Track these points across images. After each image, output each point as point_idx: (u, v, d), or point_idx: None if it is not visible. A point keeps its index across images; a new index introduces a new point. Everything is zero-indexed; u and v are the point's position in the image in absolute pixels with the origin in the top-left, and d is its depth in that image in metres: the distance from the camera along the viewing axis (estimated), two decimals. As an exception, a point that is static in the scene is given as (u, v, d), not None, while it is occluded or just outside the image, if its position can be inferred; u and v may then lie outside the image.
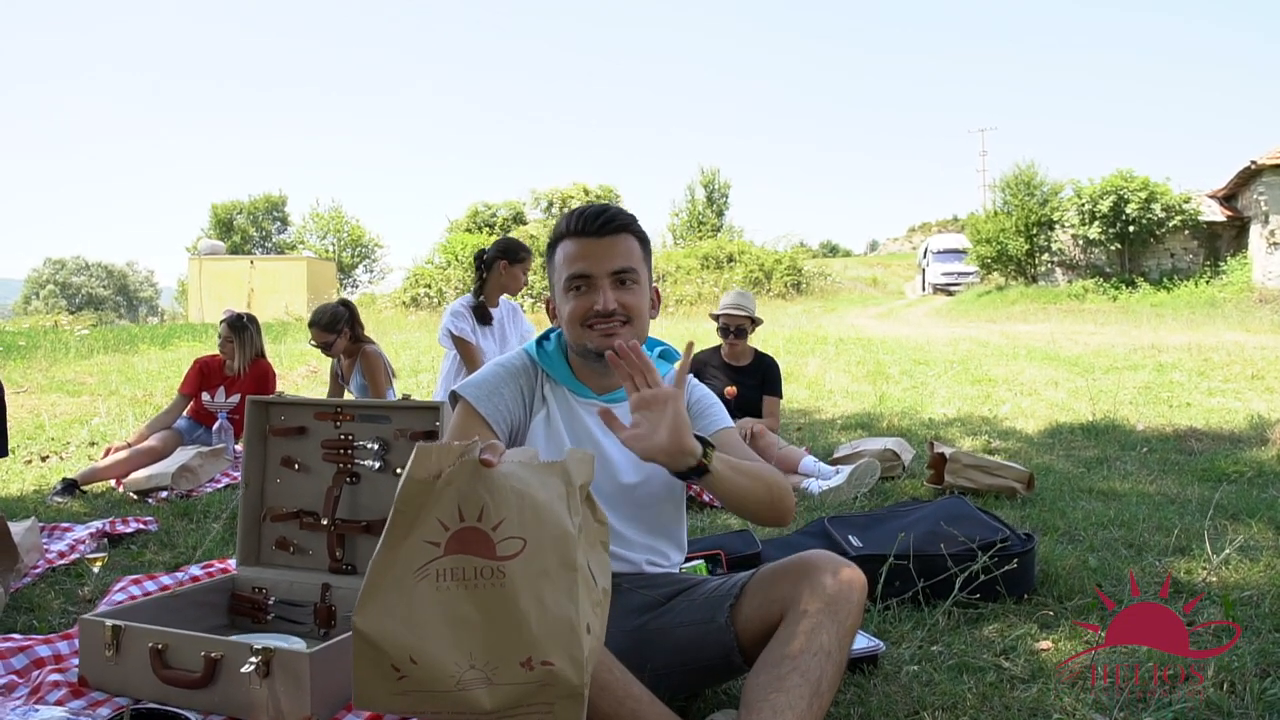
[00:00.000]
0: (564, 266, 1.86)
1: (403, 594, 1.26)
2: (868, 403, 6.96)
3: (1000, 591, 2.50)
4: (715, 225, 35.85)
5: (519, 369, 1.95)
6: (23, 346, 14.49)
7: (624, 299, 1.84)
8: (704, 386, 2.05)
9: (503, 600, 1.25)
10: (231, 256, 35.05)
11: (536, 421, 1.92)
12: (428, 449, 1.29)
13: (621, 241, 1.87)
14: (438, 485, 1.28)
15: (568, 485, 1.33)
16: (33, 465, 5.46)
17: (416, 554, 1.26)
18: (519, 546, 1.26)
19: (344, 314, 5.19)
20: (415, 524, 1.28)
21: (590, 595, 1.32)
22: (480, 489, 1.27)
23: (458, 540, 1.26)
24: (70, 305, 49.29)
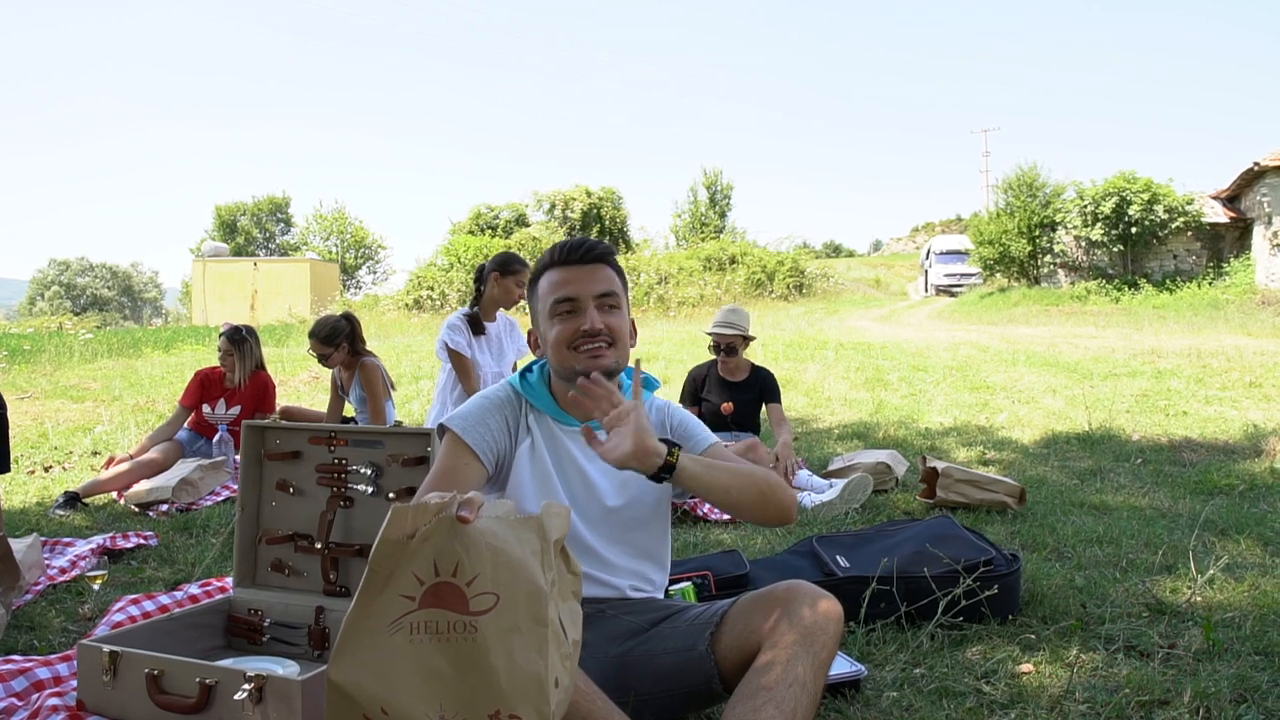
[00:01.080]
0: (550, 293, 1.92)
1: (377, 646, 1.31)
2: (865, 411, 6.99)
3: (985, 612, 2.53)
4: (718, 227, 35.85)
5: (503, 400, 2.00)
6: (27, 350, 14.57)
7: (609, 321, 1.91)
8: (684, 411, 2.11)
9: (474, 654, 1.29)
10: (235, 259, 35.14)
11: (522, 450, 1.96)
12: (403, 510, 1.33)
13: (603, 269, 1.95)
14: (413, 543, 1.33)
15: (543, 540, 1.36)
16: (35, 476, 5.51)
17: (391, 607, 1.31)
18: (492, 602, 1.30)
19: (344, 328, 5.23)
20: (390, 580, 1.32)
21: (560, 649, 1.36)
22: (456, 545, 1.31)
23: (432, 595, 1.30)
24: (75, 306, 49.44)
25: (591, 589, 1.97)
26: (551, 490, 1.94)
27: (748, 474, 1.84)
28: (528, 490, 1.94)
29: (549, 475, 1.95)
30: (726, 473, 1.81)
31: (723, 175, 37.28)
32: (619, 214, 33.74)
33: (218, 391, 5.26)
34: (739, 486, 1.82)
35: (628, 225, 34.29)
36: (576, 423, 1.98)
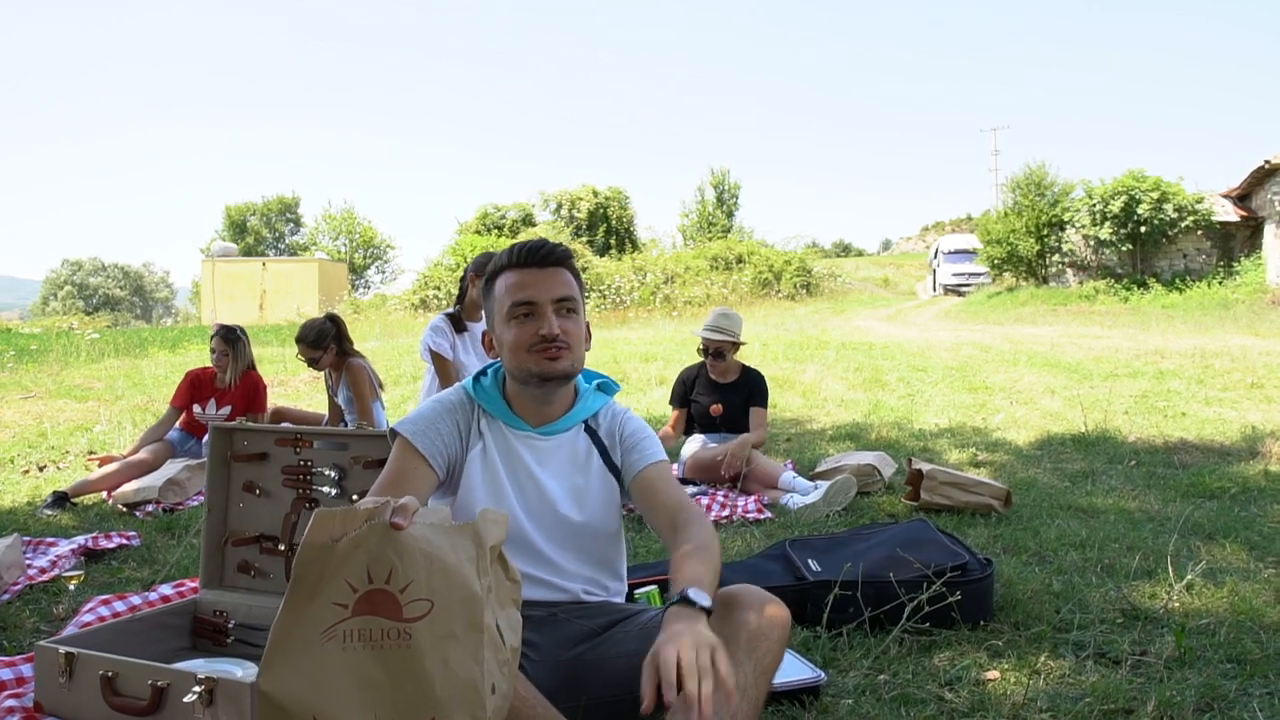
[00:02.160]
0: (507, 295, 1.90)
1: (309, 655, 1.28)
2: (860, 412, 6.96)
3: (955, 618, 2.51)
4: (725, 226, 35.77)
5: (455, 404, 1.98)
6: (35, 350, 14.66)
7: (566, 326, 1.89)
8: (638, 420, 2.07)
9: (408, 661, 1.27)
10: (244, 259, 35.29)
11: (473, 455, 1.94)
12: (328, 514, 1.31)
13: (561, 273, 1.93)
14: (343, 548, 1.30)
15: (478, 547, 1.35)
16: (30, 475, 5.53)
17: (324, 615, 1.28)
18: (426, 609, 1.28)
19: (330, 330, 5.23)
20: (320, 586, 1.30)
21: (497, 655, 1.35)
22: (389, 551, 1.29)
23: (366, 602, 1.28)
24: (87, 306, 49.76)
25: (543, 592, 1.96)
26: (502, 495, 1.92)
27: (713, 560, 1.75)
28: (478, 495, 1.92)
29: (500, 480, 1.93)
30: (707, 572, 1.70)
31: (730, 175, 37.27)
32: (625, 213, 33.74)
33: (208, 392, 5.27)
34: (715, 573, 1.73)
35: (634, 225, 34.29)
36: (529, 427, 1.97)
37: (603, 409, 2.05)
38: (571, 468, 1.98)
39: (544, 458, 1.96)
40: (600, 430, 2.02)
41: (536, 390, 1.92)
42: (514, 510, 1.93)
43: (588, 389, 2.06)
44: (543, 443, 1.97)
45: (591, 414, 2.03)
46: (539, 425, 1.97)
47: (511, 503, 1.93)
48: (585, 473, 1.98)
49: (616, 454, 2.00)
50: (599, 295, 25.65)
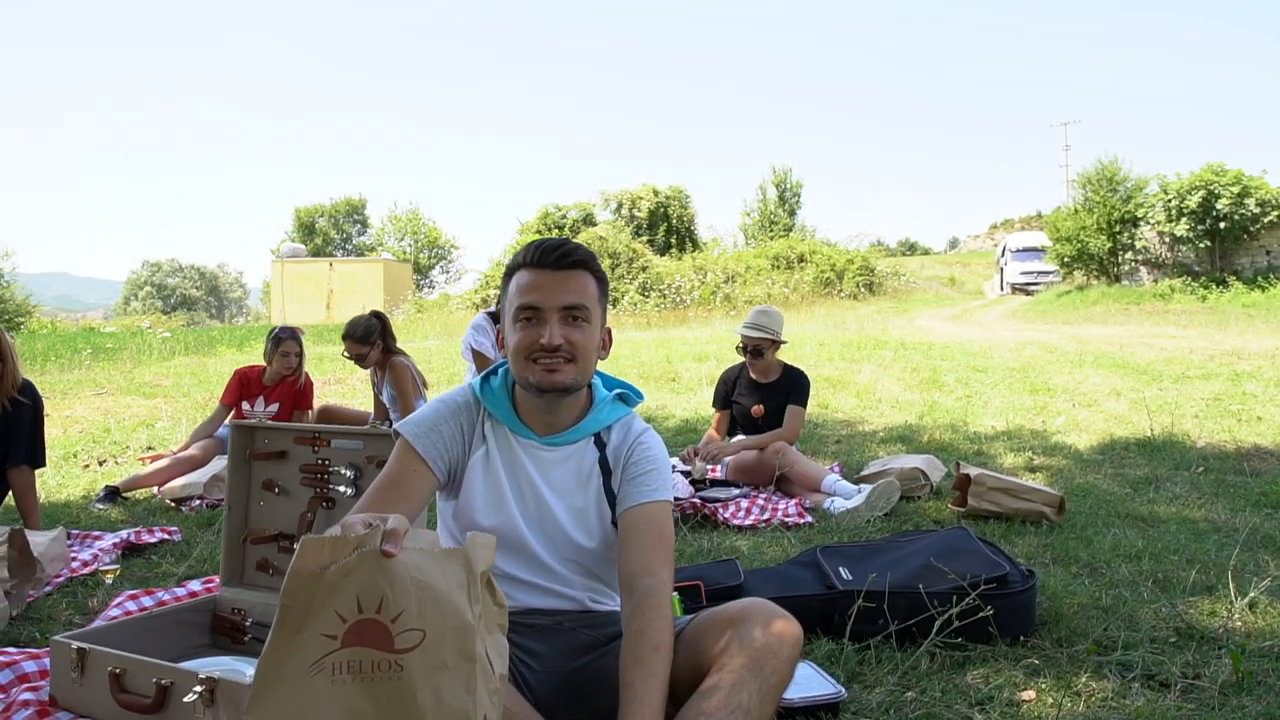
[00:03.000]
0: (515, 296, 1.82)
1: (296, 689, 1.23)
2: (915, 413, 6.76)
3: (992, 632, 2.38)
4: (787, 225, 35.37)
5: (460, 405, 1.92)
6: (110, 348, 15.17)
7: (571, 335, 1.79)
8: (653, 447, 1.93)
9: (400, 694, 1.23)
10: (312, 259, 36.06)
11: (475, 459, 1.88)
12: (316, 541, 1.26)
13: (576, 277, 1.82)
14: (331, 576, 1.25)
15: (469, 573, 1.30)
16: (89, 469, 5.68)
17: (312, 648, 1.23)
18: (418, 639, 1.23)
19: (376, 326, 5.26)
20: (308, 617, 1.24)
21: (488, 684, 1.29)
22: (380, 580, 1.24)
23: (355, 632, 1.23)
24: (165, 306, 51.51)
25: (548, 600, 1.90)
26: (503, 503, 1.86)
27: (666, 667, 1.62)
28: (478, 501, 1.87)
29: (501, 487, 1.87)
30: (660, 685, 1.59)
31: (792, 173, 36.82)
32: (686, 212, 33.58)
33: (256, 389, 5.35)
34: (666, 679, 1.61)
35: (695, 224, 34.11)
36: (534, 436, 1.89)
37: (618, 422, 1.95)
38: (575, 484, 1.89)
39: (547, 470, 1.89)
40: (609, 446, 1.92)
41: (537, 399, 1.84)
42: (515, 519, 1.86)
43: (605, 398, 1.95)
44: (547, 453, 1.89)
45: (604, 426, 1.93)
46: (545, 434, 1.89)
47: (512, 511, 1.86)
48: (585, 493, 1.89)
49: (617, 479, 1.89)
50: (659, 295, 25.59)
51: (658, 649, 1.63)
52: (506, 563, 1.87)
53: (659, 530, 1.83)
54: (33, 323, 24.89)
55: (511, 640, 1.84)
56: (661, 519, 1.85)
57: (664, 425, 6.86)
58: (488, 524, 1.85)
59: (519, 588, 1.88)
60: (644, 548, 1.79)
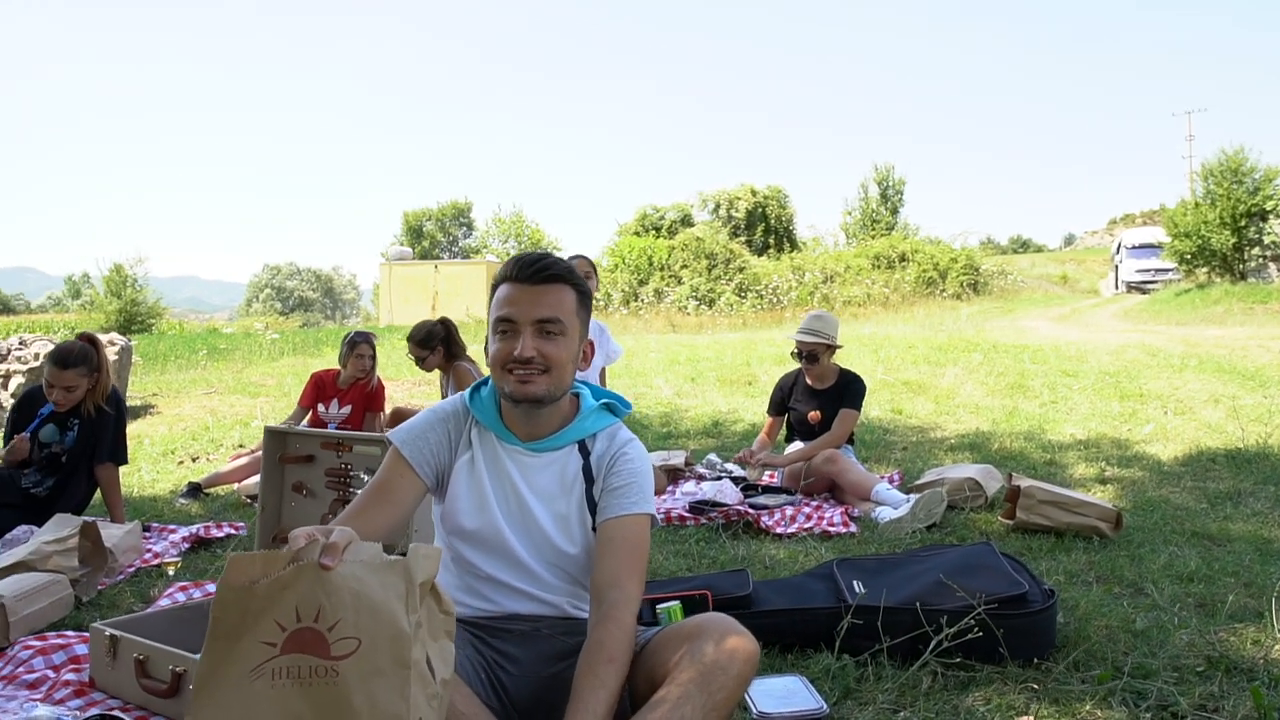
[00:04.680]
0: (495, 308, 1.88)
1: (238, 693, 1.31)
2: (991, 419, 6.55)
3: (1003, 653, 2.31)
4: (889, 223, 34.59)
5: (450, 413, 1.98)
6: (223, 349, 16.03)
7: (544, 348, 1.83)
8: (637, 460, 1.95)
9: (335, 698, 1.29)
10: (419, 261, 37.17)
11: (460, 464, 1.94)
12: (245, 557, 1.33)
13: (552, 292, 1.86)
14: (265, 589, 1.31)
15: (408, 583, 1.36)
16: (183, 465, 6.05)
17: (253, 654, 1.30)
18: (354, 646, 1.30)
19: (439, 332, 5.42)
20: (245, 626, 1.31)
21: (425, 689, 1.35)
22: (318, 591, 1.31)
23: (294, 640, 1.30)
24: (284, 308, 54.04)
25: (528, 605, 1.94)
26: (486, 506, 1.91)
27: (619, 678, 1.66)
28: (462, 504, 1.93)
29: (485, 491, 1.92)
30: (609, 696, 1.63)
31: (894, 170, 35.99)
32: (784, 212, 33.25)
33: (331, 392, 5.59)
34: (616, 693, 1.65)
35: (794, 224, 33.74)
36: (518, 441, 1.94)
37: (603, 431, 1.98)
38: (558, 490, 1.93)
39: (530, 474, 1.93)
40: (593, 454, 1.95)
41: (515, 408, 1.89)
42: (497, 521, 1.91)
43: (591, 407, 1.99)
44: (530, 459, 1.94)
45: (589, 434, 1.97)
46: (528, 440, 1.94)
47: (494, 513, 1.91)
48: (568, 499, 1.92)
49: (598, 488, 1.92)
50: (755, 296, 25.41)
51: (612, 661, 1.66)
52: (490, 565, 1.93)
53: (634, 545, 1.85)
54: (162, 324, 26.46)
55: (491, 644, 1.91)
56: (637, 533, 1.87)
57: (731, 429, 6.84)
58: (471, 526, 1.91)
59: (500, 591, 1.93)
60: (616, 561, 1.82)
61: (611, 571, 1.80)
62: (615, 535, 1.85)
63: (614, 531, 1.86)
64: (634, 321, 22.81)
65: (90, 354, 3.93)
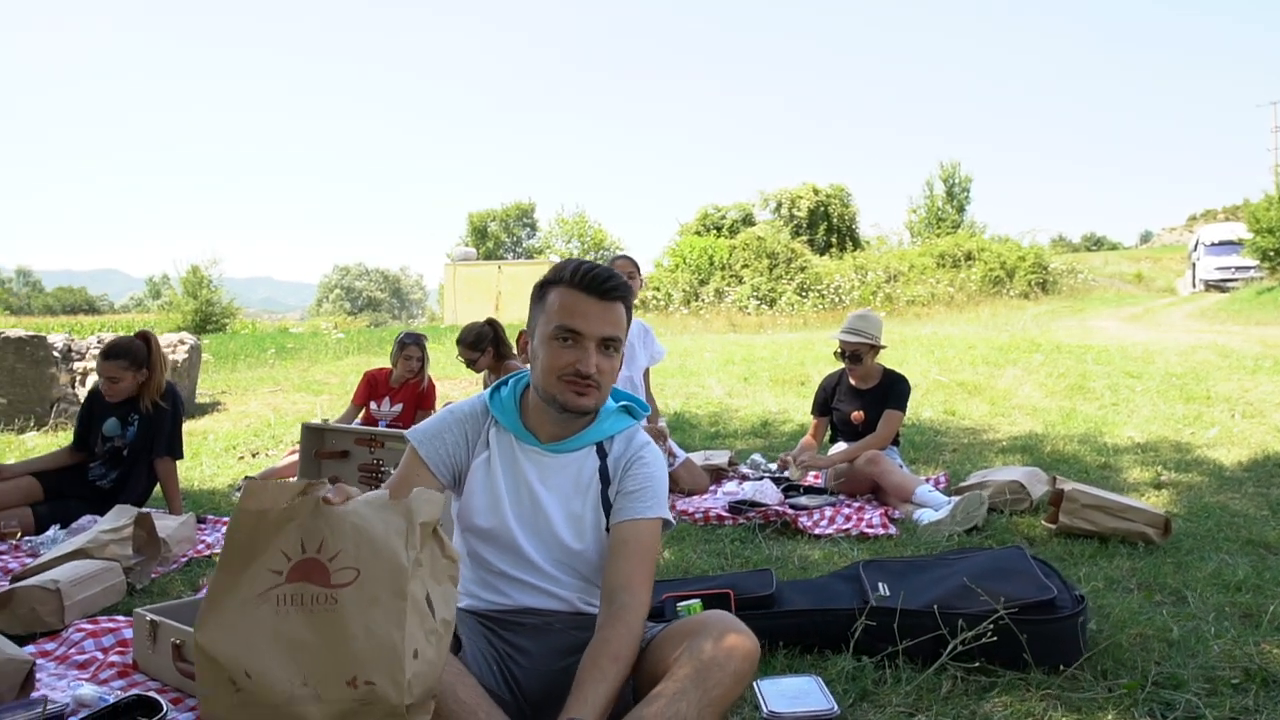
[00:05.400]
0: (557, 314, 1.87)
1: (243, 615, 1.40)
2: (1047, 422, 6.39)
3: (1027, 659, 2.27)
4: (955, 221, 33.89)
5: (468, 414, 2.02)
6: (291, 348, 16.49)
7: (603, 364, 1.87)
8: (653, 464, 1.98)
9: (334, 624, 1.38)
10: (482, 262, 37.69)
11: (477, 463, 1.98)
12: (260, 484, 1.44)
13: (617, 309, 1.89)
14: (275, 518, 1.42)
15: (409, 522, 1.44)
16: (243, 461, 6.25)
17: (260, 579, 1.40)
18: (353, 576, 1.39)
19: (488, 334, 5.50)
20: (254, 553, 1.42)
21: (424, 624, 1.42)
22: (321, 524, 1.41)
23: (299, 570, 1.39)
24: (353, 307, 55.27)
25: (539, 600, 1.97)
26: (498, 505, 1.95)
27: (619, 675, 1.69)
28: (477, 502, 1.96)
29: (498, 490, 1.95)
30: (609, 690, 1.65)
31: (960, 167, 35.25)
32: (847, 211, 32.84)
33: (383, 390, 5.72)
34: (617, 688, 1.68)
35: (857, 222, 33.31)
36: (538, 442, 1.97)
37: (621, 434, 2.01)
38: (573, 490, 1.96)
39: (547, 474, 1.96)
40: (610, 456, 1.98)
41: (558, 414, 1.92)
42: (508, 521, 1.94)
43: (610, 409, 2.02)
44: (549, 459, 1.97)
45: (607, 436, 1.99)
46: (548, 441, 1.97)
47: (506, 513, 1.95)
48: (583, 499, 1.95)
49: (613, 490, 1.95)
50: (817, 295, 25.17)
51: (617, 659, 1.69)
52: (502, 561, 1.97)
53: (646, 548, 1.88)
54: (235, 324, 27.32)
55: (503, 637, 1.95)
56: (649, 537, 1.89)
57: (780, 429, 6.81)
58: (484, 524, 1.95)
59: (512, 585, 1.97)
60: (628, 563, 1.84)
61: (624, 574, 1.83)
62: (629, 538, 1.88)
63: (627, 534, 1.88)
64: (694, 321, 22.78)
65: (136, 349, 4.10)
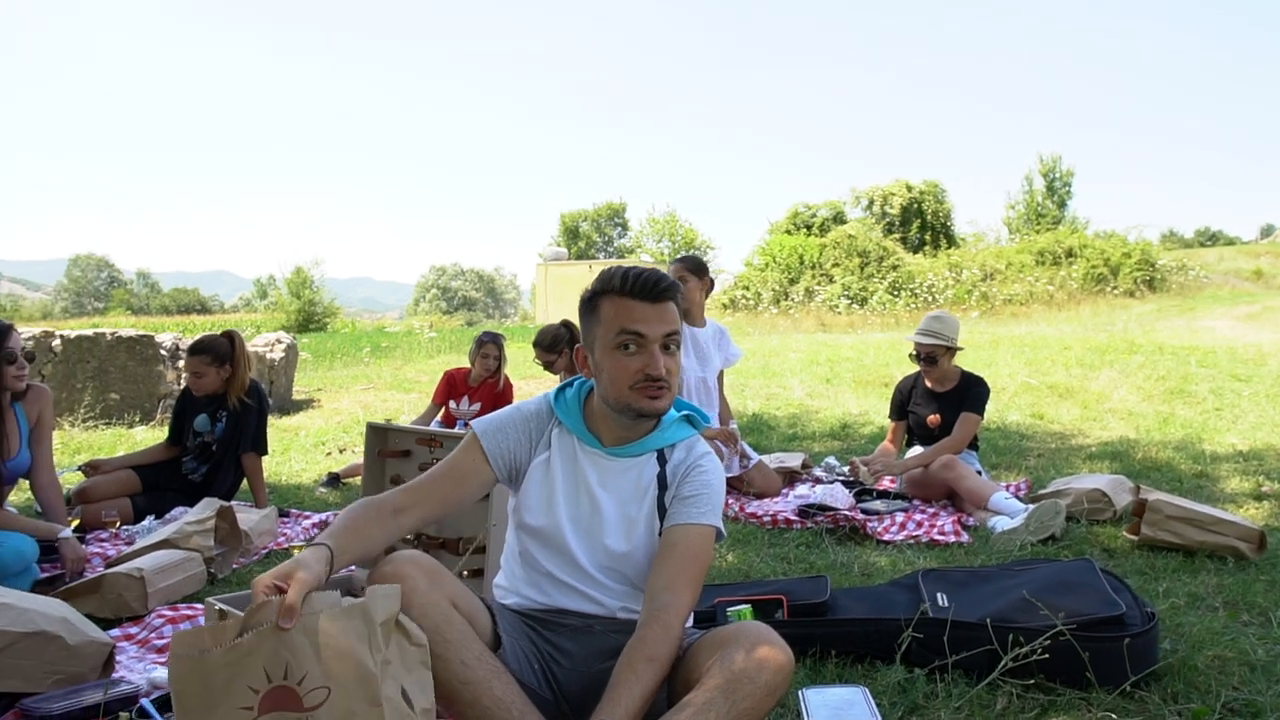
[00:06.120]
0: (615, 322, 1.89)
1: None
2: (1141, 427, 6.11)
3: (1089, 678, 2.17)
4: (1056, 217, 32.63)
5: (533, 413, 2.04)
6: (385, 347, 16.99)
7: (669, 364, 1.88)
8: (711, 473, 1.97)
9: None
10: (573, 261, 38.13)
11: (537, 463, 2.00)
12: (188, 633, 1.42)
13: (670, 308, 1.90)
14: (221, 656, 1.38)
15: (369, 625, 1.44)
16: (330, 456, 6.47)
17: (233, 718, 1.38)
18: (325, 695, 1.39)
19: (564, 335, 5.56)
20: (214, 697, 1.38)
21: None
22: (282, 650, 1.39)
23: (270, 700, 1.38)
24: (448, 307, 56.61)
25: (582, 604, 1.98)
26: (553, 506, 1.96)
27: (655, 677, 1.69)
28: (531, 501, 1.98)
29: (555, 492, 1.96)
30: (643, 691, 1.66)
31: (1062, 161, 33.90)
32: (941, 207, 32.00)
33: (462, 389, 5.85)
34: (652, 690, 1.68)
35: (952, 219, 32.43)
36: (600, 446, 1.98)
37: (682, 441, 2.02)
38: (632, 494, 1.97)
39: (608, 478, 1.97)
40: (670, 463, 1.98)
41: (628, 420, 1.93)
42: (560, 522, 1.96)
43: (672, 417, 2.03)
44: (610, 463, 1.98)
45: (669, 444, 2.00)
46: (611, 445, 1.98)
47: (560, 514, 1.96)
48: (640, 503, 1.96)
49: (669, 495, 1.95)
50: (909, 294, 24.63)
51: (652, 660, 1.69)
52: (549, 562, 1.99)
53: (694, 553, 1.87)
54: (336, 323, 28.31)
55: (545, 637, 1.98)
56: (699, 543, 1.88)
57: (859, 431, 6.69)
58: (536, 524, 1.98)
59: (556, 586, 1.99)
60: (674, 566, 1.84)
61: (668, 576, 1.83)
62: (678, 541, 1.88)
63: (677, 537, 1.88)
64: (783, 321, 22.57)
65: (219, 345, 4.30)
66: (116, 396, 7.86)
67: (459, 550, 2.67)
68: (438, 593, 1.74)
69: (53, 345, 7.89)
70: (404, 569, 1.74)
